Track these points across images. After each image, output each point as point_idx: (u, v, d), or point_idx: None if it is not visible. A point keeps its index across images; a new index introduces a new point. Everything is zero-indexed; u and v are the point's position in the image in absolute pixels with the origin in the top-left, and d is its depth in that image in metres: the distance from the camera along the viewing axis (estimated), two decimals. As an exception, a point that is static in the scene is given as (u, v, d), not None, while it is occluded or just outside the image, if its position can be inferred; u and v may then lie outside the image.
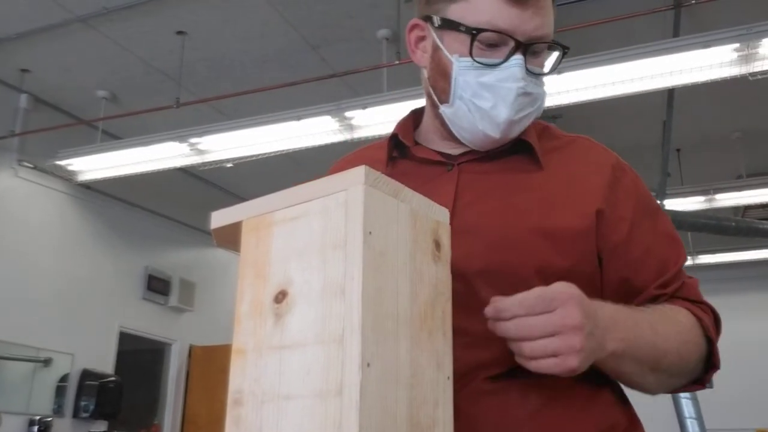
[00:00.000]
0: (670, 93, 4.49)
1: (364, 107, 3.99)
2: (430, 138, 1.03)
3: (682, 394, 4.83)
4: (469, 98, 0.93)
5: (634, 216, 0.93)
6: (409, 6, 3.64)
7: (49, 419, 5.22)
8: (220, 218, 0.80)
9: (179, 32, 4.47)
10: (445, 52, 0.94)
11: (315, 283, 0.67)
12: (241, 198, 5.94)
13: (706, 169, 6.13)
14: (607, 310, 0.81)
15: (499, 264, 0.86)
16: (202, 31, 4.46)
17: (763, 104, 5.13)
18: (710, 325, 0.91)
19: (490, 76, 0.91)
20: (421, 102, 1.08)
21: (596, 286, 0.92)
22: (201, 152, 4.62)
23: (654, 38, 3.67)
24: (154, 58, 4.78)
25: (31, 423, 5.13)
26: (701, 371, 0.93)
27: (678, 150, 5.86)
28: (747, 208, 6.21)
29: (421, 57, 1.00)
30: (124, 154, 4.76)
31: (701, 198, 5.49)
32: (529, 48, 0.91)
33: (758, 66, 3.43)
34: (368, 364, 0.61)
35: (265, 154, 4.58)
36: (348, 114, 4.05)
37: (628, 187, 0.95)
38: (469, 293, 0.83)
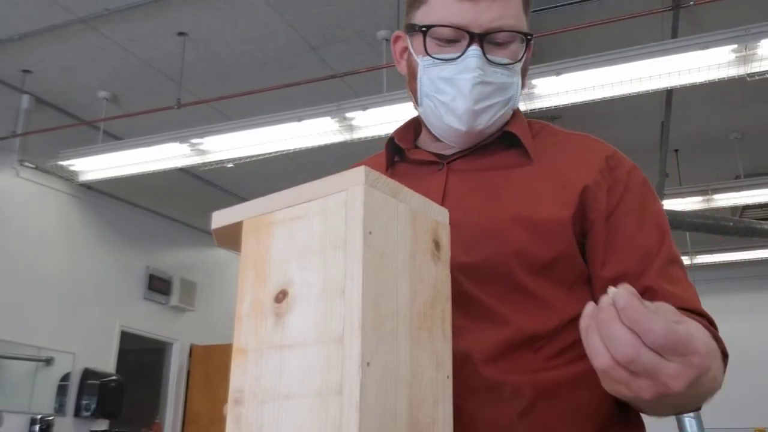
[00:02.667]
0: (669, 94, 4.49)
1: (365, 108, 3.99)
2: (425, 141, 1.05)
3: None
4: (433, 94, 0.96)
5: (618, 210, 0.91)
6: (408, 10, 3.63)
7: (51, 418, 5.22)
8: (220, 218, 0.81)
9: (180, 33, 4.48)
10: (413, 55, 0.98)
11: (315, 283, 0.67)
12: (241, 198, 5.95)
13: (704, 170, 6.13)
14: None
15: (479, 256, 0.86)
16: (203, 32, 4.46)
17: (761, 105, 5.13)
18: (721, 339, 0.86)
19: (448, 71, 0.94)
20: None
21: (583, 274, 0.90)
22: (202, 153, 4.62)
23: (653, 39, 3.67)
24: (155, 59, 4.78)
25: (33, 422, 5.13)
26: None
27: (676, 150, 5.86)
28: (745, 208, 6.21)
29: (403, 67, 1.04)
30: (126, 155, 4.76)
31: (699, 198, 5.49)
32: (487, 39, 0.93)
33: (756, 67, 3.43)
34: (368, 364, 0.62)
35: (265, 154, 4.58)
36: (348, 115, 4.05)
37: (620, 177, 0.93)
38: (452, 287, 0.83)
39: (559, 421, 0.83)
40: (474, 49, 0.92)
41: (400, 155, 1.05)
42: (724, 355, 0.83)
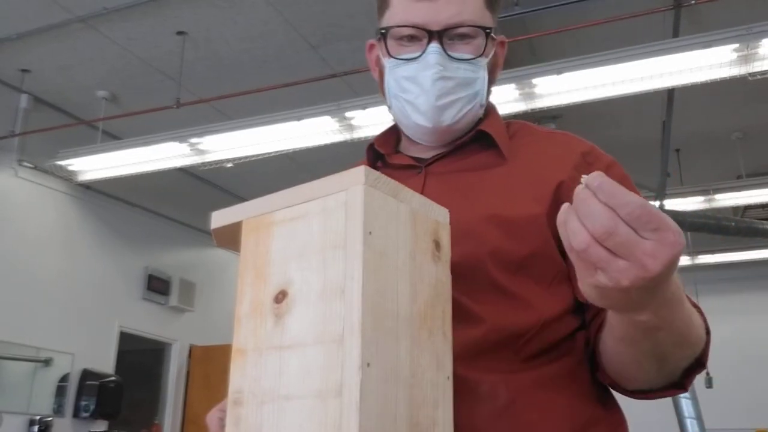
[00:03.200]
0: (670, 93, 4.49)
1: (364, 107, 3.99)
2: (406, 146, 1.06)
3: (681, 394, 4.83)
4: (399, 94, 0.98)
5: None
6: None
7: (50, 419, 5.22)
8: (220, 218, 0.80)
9: (179, 32, 4.47)
10: (381, 58, 1.01)
11: (315, 284, 0.67)
12: (241, 198, 5.94)
13: (705, 169, 6.13)
14: None
15: (456, 256, 0.85)
16: (203, 31, 4.46)
17: (762, 104, 5.13)
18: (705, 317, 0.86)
19: (410, 69, 0.96)
20: None
21: (562, 271, 0.89)
22: (201, 152, 4.62)
23: (654, 38, 3.67)
24: (155, 58, 4.78)
25: (32, 423, 5.13)
26: (681, 373, 0.82)
27: (677, 150, 5.86)
28: (747, 208, 6.21)
29: (377, 73, 1.06)
30: (125, 155, 4.76)
31: (701, 198, 5.48)
32: (447, 35, 0.94)
33: (758, 66, 3.43)
34: (368, 364, 0.61)
35: (265, 154, 4.58)
36: (348, 114, 4.05)
37: (600, 170, 0.91)
38: None
39: (536, 421, 0.83)
40: (433, 46, 0.94)
41: (382, 160, 1.06)
42: (707, 331, 0.81)
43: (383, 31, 0.97)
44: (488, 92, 1.01)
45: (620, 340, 0.76)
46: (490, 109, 1.04)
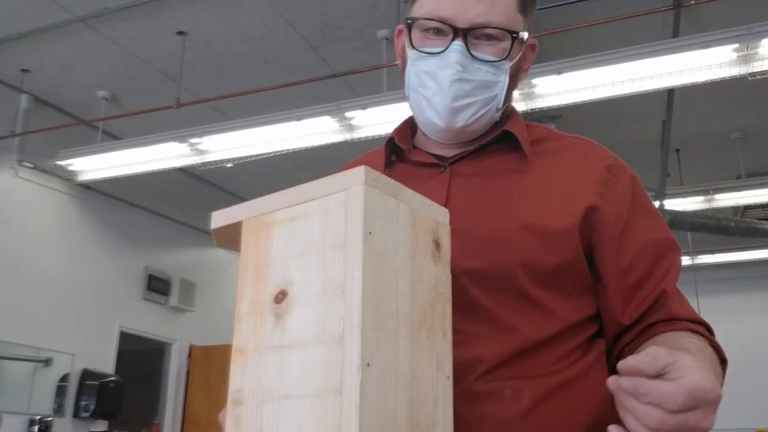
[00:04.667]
0: (670, 93, 4.49)
1: (364, 107, 3.99)
2: (423, 141, 1.04)
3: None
4: (418, 88, 0.97)
5: (630, 214, 0.93)
6: (407, 7, 3.63)
7: (50, 419, 5.22)
8: (220, 218, 0.80)
9: (179, 32, 4.47)
10: (406, 48, 0.98)
11: (315, 284, 0.67)
12: (241, 198, 5.94)
13: (705, 170, 6.12)
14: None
15: (485, 262, 0.87)
16: (203, 31, 4.46)
17: (762, 104, 5.13)
18: (718, 345, 0.90)
19: (431, 65, 0.94)
20: None
21: (586, 283, 0.92)
22: (201, 152, 4.62)
23: (654, 38, 3.67)
24: (155, 59, 4.78)
25: (32, 423, 5.13)
26: None
27: (677, 150, 5.86)
28: (746, 208, 6.21)
29: (401, 60, 1.04)
30: (125, 155, 4.76)
31: (701, 198, 5.48)
32: (472, 34, 0.92)
33: (758, 66, 3.43)
34: (368, 364, 0.61)
35: (265, 154, 4.57)
36: (348, 114, 4.05)
37: (625, 185, 0.95)
38: (458, 292, 0.83)
39: (558, 421, 0.84)
40: (457, 44, 0.91)
41: (398, 155, 1.04)
42: (723, 361, 0.86)
43: (410, 21, 0.95)
44: (509, 96, 0.99)
45: None
46: (512, 112, 1.03)
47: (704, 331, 0.90)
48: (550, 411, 0.84)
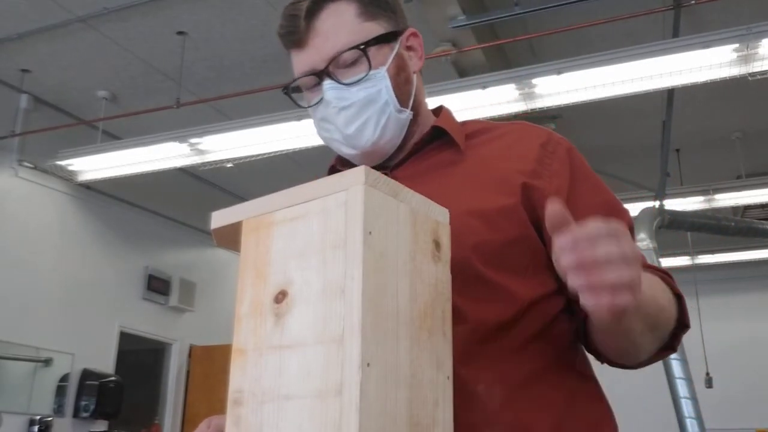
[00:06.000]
0: (670, 93, 4.49)
1: (364, 107, 3.98)
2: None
3: (681, 394, 4.82)
4: (323, 134, 1.04)
5: (571, 185, 0.95)
6: (408, 7, 3.63)
7: (50, 419, 5.22)
8: (220, 218, 0.80)
9: (179, 32, 4.47)
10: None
11: (315, 284, 0.67)
12: (241, 198, 5.94)
13: (705, 169, 6.12)
14: None
15: None
16: (203, 31, 4.46)
17: (762, 104, 5.13)
18: (674, 283, 0.92)
19: (321, 112, 1.01)
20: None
21: (542, 259, 0.92)
22: (201, 152, 4.62)
23: (654, 38, 3.67)
24: (155, 59, 4.78)
25: (32, 423, 5.12)
26: (669, 335, 0.91)
27: (677, 150, 5.86)
28: (747, 208, 6.21)
29: None
30: (125, 155, 4.76)
31: (701, 198, 5.48)
32: (333, 66, 0.97)
33: (758, 66, 3.43)
34: (368, 364, 0.61)
35: (265, 154, 4.57)
36: (348, 114, 4.04)
37: (562, 159, 0.97)
38: None
39: (532, 422, 0.85)
40: (327, 83, 0.97)
41: None
42: (678, 296, 0.90)
43: (285, 91, 1.05)
44: (404, 92, 1.00)
45: (598, 333, 0.86)
46: (440, 110, 1.08)
47: (667, 278, 0.92)
48: (522, 410, 0.85)
